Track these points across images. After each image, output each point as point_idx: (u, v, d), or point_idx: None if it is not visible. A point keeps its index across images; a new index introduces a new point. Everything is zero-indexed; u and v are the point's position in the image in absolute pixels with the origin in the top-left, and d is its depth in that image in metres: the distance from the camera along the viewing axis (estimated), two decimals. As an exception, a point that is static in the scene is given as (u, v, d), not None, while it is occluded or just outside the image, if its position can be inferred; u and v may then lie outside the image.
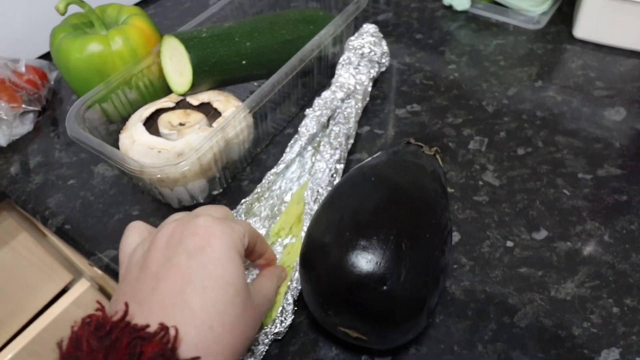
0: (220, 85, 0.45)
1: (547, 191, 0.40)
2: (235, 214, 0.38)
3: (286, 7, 0.57)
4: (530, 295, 0.34)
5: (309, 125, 0.41)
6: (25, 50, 0.57)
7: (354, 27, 0.51)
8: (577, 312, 0.33)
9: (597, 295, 0.33)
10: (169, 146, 0.38)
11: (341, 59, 0.47)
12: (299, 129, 0.41)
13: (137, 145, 0.38)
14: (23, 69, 0.51)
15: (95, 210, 0.42)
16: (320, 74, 0.50)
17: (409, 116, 0.48)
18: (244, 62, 0.44)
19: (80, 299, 0.65)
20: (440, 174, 0.35)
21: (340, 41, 0.50)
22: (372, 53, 0.47)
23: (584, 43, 0.54)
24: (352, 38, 0.48)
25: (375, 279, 0.26)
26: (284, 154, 0.41)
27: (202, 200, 0.41)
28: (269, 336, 0.31)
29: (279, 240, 0.38)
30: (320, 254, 0.28)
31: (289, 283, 0.33)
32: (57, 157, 0.47)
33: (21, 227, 0.57)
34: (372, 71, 0.48)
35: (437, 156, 0.36)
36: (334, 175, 0.40)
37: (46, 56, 0.59)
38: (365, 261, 0.26)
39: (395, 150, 0.35)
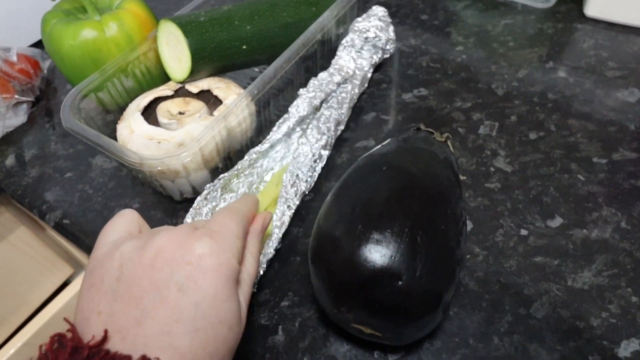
0: (220, 71, 0.43)
1: (561, 177, 0.39)
2: (211, 188, 0.36)
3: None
4: (546, 285, 0.33)
5: (300, 106, 0.39)
6: (16, 38, 0.55)
7: (358, 8, 0.49)
8: (594, 302, 0.31)
9: (615, 284, 0.32)
10: (169, 136, 0.36)
11: (344, 40, 0.45)
12: (289, 108, 0.39)
13: (135, 136, 0.37)
14: (15, 58, 0.49)
15: (95, 204, 0.41)
16: (323, 57, 0.48)
17: (416, 101, 0.46)
18: (244, 46, 0.42)
19: (82, 292, 0.64)
20: (453, 161, 0.33)
21: (343, 23, 0.48)
22: (377, 38, 0.45)
23: (595, 22, 0.53)
24: (359, 19, 0.46)
25: (390, 275, 0.25)
26: (271, 133, 0.39)
27: (204, 192, 0.39)
28: None
29: None
30: (332, 248, 0.27)
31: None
32: (53, 149, 0.46)
33: (19, 221, 0.55)
34: (374, 57, 0.46)
35: (449, 142, 0.35)
36: (317, 161, 0.39)
37: (38, 44, 0.57)
38: (379, 255, 0.25)
39: (405, 137, 0.34)
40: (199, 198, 0.35)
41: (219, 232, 0.25)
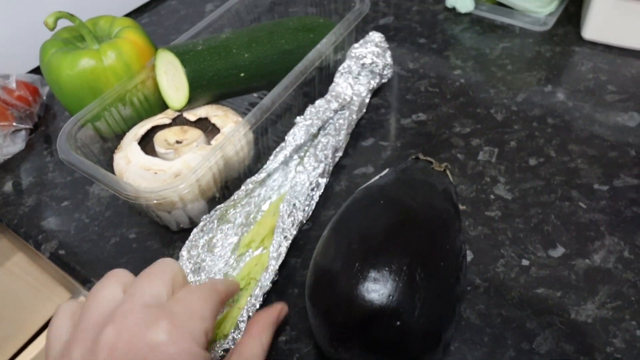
0: (218, 98, 0.43)
1: (562, 204, 0.38)
2: (208, 219, 0.35)
3: (284, 14, 0.56)
4: (549, 318, 0.32)
5: (297, 134, 0.39)
6: (15, 64, 0.55)
7: (356, 32, 0.50)
8: (599, 336, 0.31)
9: (620, 317, 0.32)
10: (165, 167, 0.36)
11: (341, 67, 0.45)
12: (286, 137, 0.39)
13: (132, 166, 0.36)
14: (14, 85, 0.49)
15: (91, 234, 0.40)
16: (321, 83, 0.48)
17: (415, 126, 0.46)
18: (242, 74, 0.42)
19: (79, 317, 0.63)
20: (452, 191, 0.33)
21: (341, 49, 0.48)
22: (374, 64, 0.45)
23: (593, 44, 0.53)
24: (356, 45, 0.46)
25: (388, 314, 0.24)
26: (268, 161, 0.39)
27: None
28: (219, 352, 0.30)
29: (249, 251, 0.36)
30: (328, 286, 0.26)
31: (248, 298, 0.32)
32: (50, 177, 0.46)
33: (16, 248, 0.55)
34: (372, 82, 0.46)
35: (448, 172, 0.35)
36: (314, 189, 0.39)
37: (37, 70, 0.57)
38: (377, 295, 0.24)
39: (403, 168, 0.34)
40: (195, 230, 0.35)
41: (180, 315, 0.22)
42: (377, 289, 0.25)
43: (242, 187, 0.37)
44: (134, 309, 0.22)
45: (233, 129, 0.37)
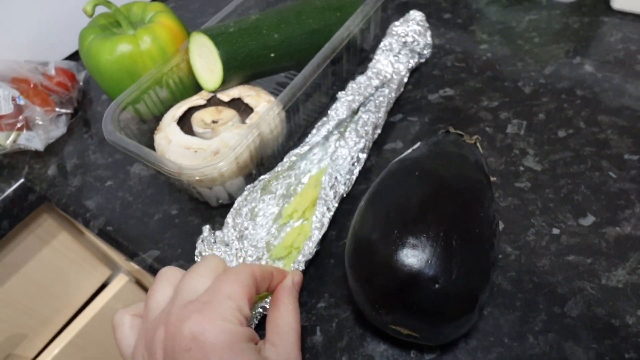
0: (249, 79, 0.44)
1: (592, 174, 0.39)
2: (251, 189, 0.37)
3: (310, -7, 0.56)
4: (580, 283, 0.33)
5: (339, 109, 0.40)
6: (52, 51, 0.57)
7: (382, 10, 0.50)
8: (629, 300, 0.32)
9: (651, 281, 0.32)
10: (204, 145, 0.38)
11: (382, 44, 0.46)
12: (328, 112, 0.40)
13: (173, 146, 0.38)
14: (53, 72, 0.51)
15: (135, 211, 0.42)
16: (349, 61, 0.49)
17: (442, 101, 0.47)
18: (272, 54, 0.43)
19: (119, 293, 0.66)
20: (483, 163, 0.34)
21: (367, 27, 0.49)
22: (415, 43, 0.46)
23: (623, 14, 0.52)
24: (397, 23, 0.46)
25: (426, 278, 0.25)
26: (310, 136, 0.40)
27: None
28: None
29: (291, 222, 0.38)
30: (369, 252, 0.28)
31: (291, 265, 0.33)
32: (92, 158, 0.48)
33: (60, 227, 0.58)
34: (411, 61, 0.46)
35: (478, 144, 0.36)
36: (355, 164, 0.40)
37: (73, 57, 0.59)
38: (415, 260, 0.26)
39: (435, 141, 0.35)
40: (239, 199, 0.37)
41: (208, 303, 0.24)
42: (416, 254, 0.26)
43: (285, 159, 0.38)
44: (174, 308, 0.24)
45: (267, 108, 0.38)
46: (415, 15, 0.47)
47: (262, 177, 0.37)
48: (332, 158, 0.39)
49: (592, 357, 0.30)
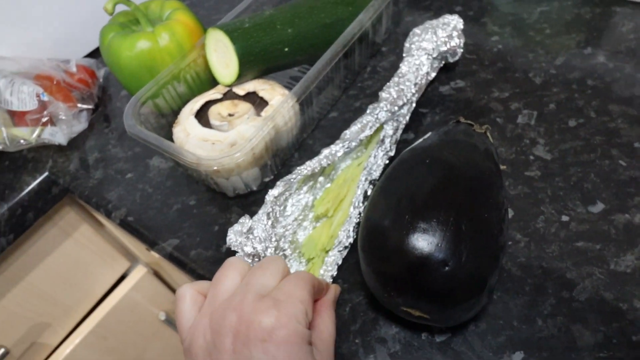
0: (264, 73, 0.46)
1: (602, 163, 0.39)
2: (291, 180, 0.37)
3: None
4: (588, 269, 0.33)
5: (381, 112, 0.40)
6: (72, 49, 0.59)
7: (393, 4, 0.51)
8: (638, 285, 0.32)
9: (659, 267, 0.33)
10: (221, 137, 0.39)
11: (425, 46, 0.45)
12: (370, 112, 0.41)
13: (191, 138, 0.40)
14: (74, 69, 0.53)
15: (155, 202, 0.44)
16: (361, 55, 0.50)
17: (454, 93, 0.47)
18: (286, 49, 0.44)
19: (138, 284, 0.68)
20: (493, 151, 0.35)
21: (379, 20, 0.50)
22: (453, 54, 0.46)
23: (635, 4, 0.52)
24: (440, 26, 0.46)
25: (437, 261, 0.26)
26: (350, 133, 0.40)
27: (255, 188, 0.42)
28: None
29: (318, 220, 0.39)
30: (381, 237, 0.29)
31: (329, 254, 0.35)
32: (113, 152, 0.50)
33: (82, 219, 0.60)
34: (439, 66, 0.47)
35: (488, 133, 0.36)
36: (385, 167, 0.40)
37: (92, 54, 0.61)
38: (426, 243, 0.27)
39: (446, 130, 0.35)
40: (273, 191, 0.36)
41: (283, 302, 0.26)
42: (426, 238, 0.27)
43: (323, 158, 0.38)
44: (248, 297, 0.26)
45: (282, 100, 0.39)
46: (456, 23, 0.47)
47: (299, 168, 0.37)
48: (367, 162, 0.39)
49: (599, 340, 0.30)
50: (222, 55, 0.43)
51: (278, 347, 0.24)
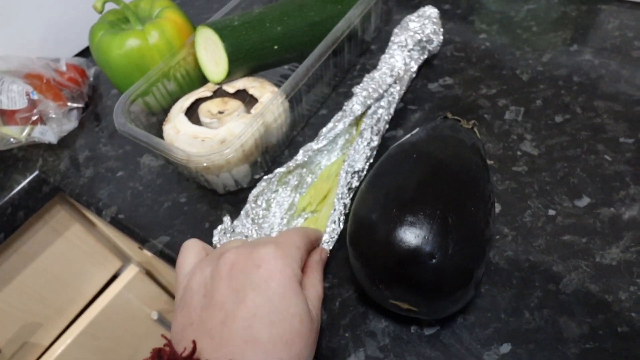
0: (253, 71, 0.46)
1: (588, 158, 0.40)
2: (268, 181, 0.38)
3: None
4: (575, 262, 0.34)
5: (355, 105, 0.41)
6: (62, 48, 0.59)
7: (382, 2, 0.51)
8: (623, 277, 0.33)
9: (644, 259, 0.33)
10: (211, 134, 0.39)
11: (397, 40, 0.46)
12: (344, 107, 0.41)
13: (181, 135, 0.40)
14: (64, 68, 0.53)
15: (146, 200, 0.44)
16: (350, 53, 0.50)
17: (442, 90, 0.48)
18: (275, 47, 0.45)
19: (130, 283, 0.68)
20: (480, 146, 0.35)
21: (368, 18, 0.50)
22: (429, 41, 0.46)
23: (620, 2, 0.53)
24: (413, 19, 0.47)
25: (423, 254, 0.27)
26: (325, 130, 0.40)
27: (245, 185, 0.42)
28: None
29: (303, 214, 0.39)
30: (369, 231, 0.29)
31: None
32: (103, 150, 0.50)
33: (73, 219, 0.60)
34: (421, 57, 0.47)
35: (475, 129, 0.37)
36: (368, 160, 0.41)
37: (83, 53, 0.61)
38: (413, 236, 0.27)
39: (433, 126, 0.36)
40: (254, 191, 0.38)
41: (282, 242, 0.28)
42: (414, 231, 0.27)
43: (301, 153, 0.39)
44: (246, 243, 0.29)
45: (271, 98, 0.40)
46: (431, 12, 0.48)
47: (278, 170, 0.39)
48: (348, 155, 0.40)
49: (585, 331, 0.31)
50: (211, 53, 0.43)
51: (272, 275, 0.25)
